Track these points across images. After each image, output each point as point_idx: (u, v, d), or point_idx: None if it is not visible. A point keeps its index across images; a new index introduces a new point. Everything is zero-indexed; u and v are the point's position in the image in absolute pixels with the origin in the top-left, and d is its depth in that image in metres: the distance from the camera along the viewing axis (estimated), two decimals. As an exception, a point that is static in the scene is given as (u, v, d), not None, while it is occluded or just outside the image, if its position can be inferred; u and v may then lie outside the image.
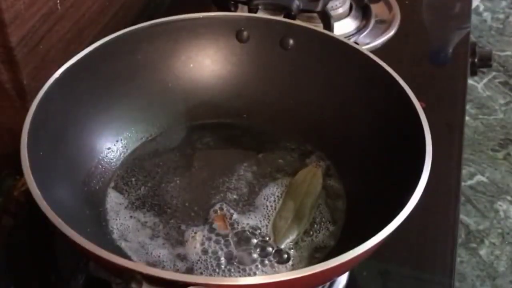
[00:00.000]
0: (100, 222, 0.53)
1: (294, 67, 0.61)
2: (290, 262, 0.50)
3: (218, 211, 0.54)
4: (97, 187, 0.55)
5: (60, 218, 0.40)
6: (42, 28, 0.60)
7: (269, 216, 0.54)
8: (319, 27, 0.69)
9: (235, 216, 0.54)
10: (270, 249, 0.51)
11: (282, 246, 0.51)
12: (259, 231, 0.52)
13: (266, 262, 0.50)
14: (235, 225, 0.53)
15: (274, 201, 0.55)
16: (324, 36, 0.60)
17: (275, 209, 0.54)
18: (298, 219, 0.53)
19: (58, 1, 0.62)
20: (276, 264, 0.50)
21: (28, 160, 0.44)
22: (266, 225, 0.53)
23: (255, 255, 0.50)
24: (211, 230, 0.52)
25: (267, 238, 0.52)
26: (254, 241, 0.52)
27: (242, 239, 0.52)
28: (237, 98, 0.63)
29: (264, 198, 0.55)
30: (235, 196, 0.56)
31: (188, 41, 0.61)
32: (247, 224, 0.53)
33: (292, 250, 0.51)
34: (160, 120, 0.61)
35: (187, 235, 0.52)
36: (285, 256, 0.51)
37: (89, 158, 0.55)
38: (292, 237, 0.52)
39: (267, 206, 0.55)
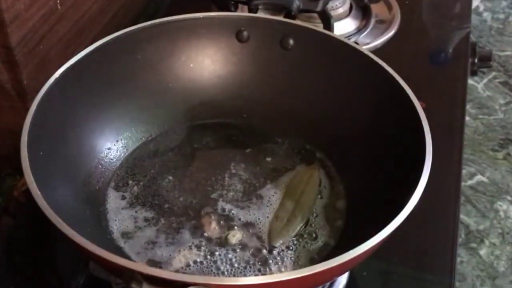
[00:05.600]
0: (100, 222, 0.53)
1: (294, 67, 0.61)
2: (290, 262, 0.50)
3: (208, 217, 0.53)
4: (97, 187, 0.55)
5: (60, 218, 0.40)
6: (42, 28, 0.60)
7: (267, 215, 0.54)
8: (319, 27, 0.69)
9: (234, 216, 0.54)
10: (270, 249, 0.51)
11: (276, 246, 0.51)
12: (258, 231, 0.52)
13: (266, 262, 0.50)
14: (234, 225, 0.53)
15: (275, 200, 0.55)
16: (324, 36, 0.60)
17: (273, 208, 0.54)
18: (293, 219, 0.53)
19: (58, 1, 0.62)
20: (276, 264, 0.50)
21: (28, 160, 0.44)
22: (264, 225, 0.53)
23: (254, 256, 0.50)
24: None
25: (265, 238, 0.52)
26: (254, 241, 0.52)
27: (242, 239, 0.52)
28: (237, 98, 0.63)
29: (264, 198, 0.55)
30: (234, 196, 0.56)
31: (188, 41, 0.61)
32: (247, 223, 0.53)
33: (292, 250, 0.51)
34: (160, 120, 0.61)
35: (187, 234, 0.52)
36: (285, 256, 0.51)
37: (89, 158, 0.55)
38: (287, 237, 0.52)
39: (266, 206, 0.55)
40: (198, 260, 0.50)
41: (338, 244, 0.52)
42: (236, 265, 0.50)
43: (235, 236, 0.51)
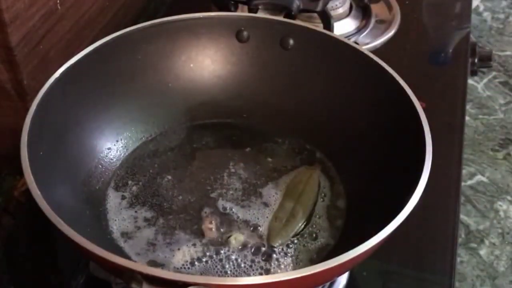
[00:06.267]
0: (100, 222, 0.53)
1: (294, 67, 0.61)
2: (290, 262, 0.50)
3: (208, 217, 0.53)
4: (97, 187, 0.55)
5: (60, 218, 0.40)
6: (42, 28, 0.60)
7: (266, 215, 0.54)
8: (319, 27, 0.69)
9: (234, 216, 0.54)
10: (270, 249, 0.51)
11: (275, 246, 0.51)
12: (257, 231, 0.52)
13: (266, 262, 0.50)
14: (235, 224, 0.53)
15: (274, 200, 0.55)
16: (324, 36, 0.60)
17: (273, 209, 0.54)
18: (292, 219, 0.53)
19: (58, 1, 0.62)
20: (276, 264, 0.50)
21: (28, 160, 0.44)
22: (264, 225, 0.53)
23: (254, 256, 0.50)
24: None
25: (265, 238, 0.52)
26: (254, 242, 0.52)
27: (242, 239, 0.52)
28: (237, 98, 0.63)
29: (264, 198, 0.55)
30: (234, 196, 0.56)
31: (188, 41, 0.61)
32: (247, 223, 0.53)
33: (292, 250, 0.51)
34: (160, 120, 0.61)
35: (187, 234, 0.52)
36: (285, 256, 0.51)
37: (89, 158, 0.55)
38: (286, 237, 0.52)
39: (266, 206, 0.55)
40: (199, 260, 0.50)
41: (338, 244, 0.52)
42: (236, 265, 0.50)
43: (237, 239, 0.51)
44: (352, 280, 0.53)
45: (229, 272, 0.49)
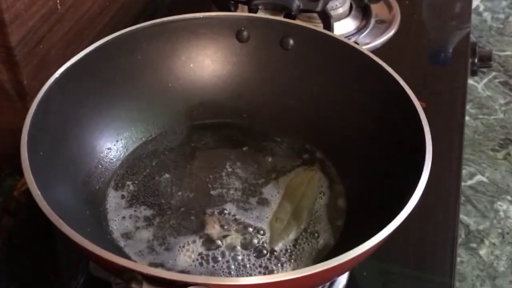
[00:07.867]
0: (100, 222, 0.53)
1: (294, 67, 0.61)
2: (290, 262, 0.50)
3: (208, 217, 0.53)
4: (97, 187, 0.55)
5: (60, 218, 0.40)
6: (42, 28, 0.60)
7: (267, 216, 0.54)
8: (319, 27, 0.69)
9: (234, 216, 0.54)
10: (269, 249, 0.51)
11: (276, 248, 0.51)
12: (258, 231, 0.52)
13: (266, 262, 0.50)
14: (235, 226, 0.53)
15: (275, 201, 0.55)
16: (324, 36, 0.60)
17: (273, 209, 0.54)
18: (294, 221, 0.53)
19: (58, 1, 0.62)
20: (276, 264, 0.50)
21: (28, 160, 0.44)
22: (264, 225, 0.53)
23: (255, 256, 0.50)
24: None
25: (266, 239, 0.52)
26: (254, 241, 0.52)
27: (242, 239, 0.52)
28: (237, 98, 0.63)
29: (264, 198, 0.55)
30: (234, 196, 0.56)
31: (188, 41, 0.61)
32: (247, 224, 0.53)
33: (292, 250, 0.51)
34: (160, 120, 0.61)
35: (187, 234, 0.52)
36: (285, 256, 0.51)
37: (89, 158, 0.55)
38: (287, 239, 0.52)
39: (266, 205, 0.55)
40: (200, 260, 0.50)
41: (338, 244, 0.52)
42: (236, 265, 0.50)
43: (236, 240, 0.51)
44: (352, 280, 0.53)
45: (229, 272, 0.49)
